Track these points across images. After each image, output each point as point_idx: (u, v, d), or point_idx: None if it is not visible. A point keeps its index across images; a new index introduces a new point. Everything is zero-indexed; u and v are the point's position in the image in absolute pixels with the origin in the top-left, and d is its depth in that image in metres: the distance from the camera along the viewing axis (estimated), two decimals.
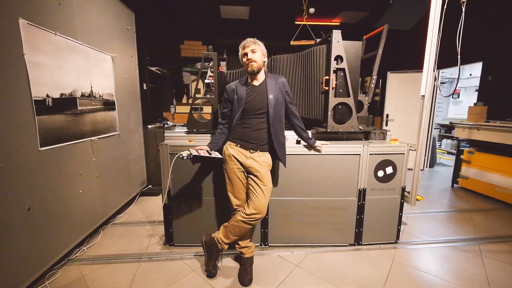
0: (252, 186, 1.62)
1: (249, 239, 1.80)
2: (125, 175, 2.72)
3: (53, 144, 1.67)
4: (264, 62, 1.63)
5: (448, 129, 6.40)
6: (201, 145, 1.67)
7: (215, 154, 1.59)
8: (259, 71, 1.61)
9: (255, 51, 1.58)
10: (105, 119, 2.32)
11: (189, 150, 1.55)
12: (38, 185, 1.56)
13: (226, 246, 1.70)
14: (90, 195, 2.08)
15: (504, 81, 3.46)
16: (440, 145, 6.46)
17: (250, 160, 1.61)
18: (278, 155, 1.66)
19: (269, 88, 1.61)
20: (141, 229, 2.36)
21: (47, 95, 1.62)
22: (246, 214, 1.58)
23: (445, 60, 2.41)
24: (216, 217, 2.02)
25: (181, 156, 1.52)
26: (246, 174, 1.66)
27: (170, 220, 2.01)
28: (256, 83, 1.64)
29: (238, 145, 1.64)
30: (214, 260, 1.75)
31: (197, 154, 1.52)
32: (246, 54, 1.58)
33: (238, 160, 1.62)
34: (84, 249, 1.99)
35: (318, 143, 1.89)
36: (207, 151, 1.60)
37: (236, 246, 1.77)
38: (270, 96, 1.60)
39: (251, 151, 1.62)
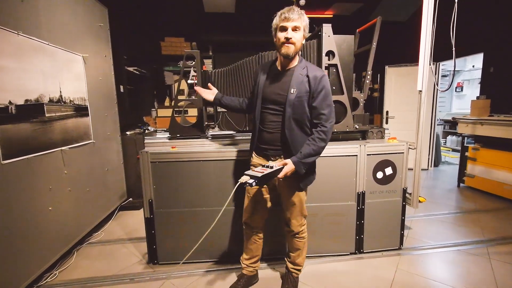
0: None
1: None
2: (102, 188, 2.68)
3: (18, 156, 1.64)
4: (302, 44, 1.39)
5: (452, 124, 6.58)
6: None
7: (276, 166, 1.34)
8: (294, 56, 1.39)
9: (297, 30, 1.32)
10: (78, 126, 2.29)
11: (247, 175, 1.28)
12: (2, 203, 1.52)
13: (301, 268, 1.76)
14: (61, 212, 2.04)
15: (507, 73, 3.59)
16: (445, 142, 6.63)
17: None
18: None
19: (294, 79, 1.38)
20: (121, 247, 2.32)
21: (10, 102, 1.60)
22: (300, 226, 1.62)
23: (444, 52, 2.50)
24: (205, 230, 2.01)
25: (247, 184, 1.24)
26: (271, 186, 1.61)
27: (154, 236, 1.99)
28: (281, 67, 1.44)
29: (261, 156, 1.55)
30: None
31: (261, 173, 1.26)
32: (285, 29, 1.32)
33: None
34: (55, 273, 1.94)
35: None
36: (267, 166, 1.33)
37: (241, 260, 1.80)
38: (292, 91, 1.37)
39: (272, 158, 1.51)
